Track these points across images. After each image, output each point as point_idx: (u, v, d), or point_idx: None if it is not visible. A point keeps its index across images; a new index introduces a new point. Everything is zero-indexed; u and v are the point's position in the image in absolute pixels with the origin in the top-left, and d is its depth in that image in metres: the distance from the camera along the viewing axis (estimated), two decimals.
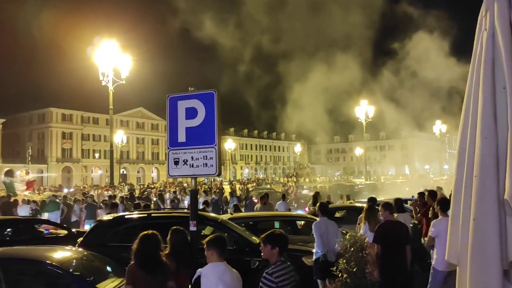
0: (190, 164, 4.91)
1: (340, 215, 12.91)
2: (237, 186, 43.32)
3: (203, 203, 14.60)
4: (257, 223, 10.66)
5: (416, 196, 10.36)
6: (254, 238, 8.14)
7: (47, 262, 5.54)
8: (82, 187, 42.72)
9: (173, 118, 5.05)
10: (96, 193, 28.50)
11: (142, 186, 45.96)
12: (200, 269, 3.89)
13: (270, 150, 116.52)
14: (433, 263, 6.13)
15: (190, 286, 4.18)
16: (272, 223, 11.28)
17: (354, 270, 5.33)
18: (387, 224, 6.15)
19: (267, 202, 13.54)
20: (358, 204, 12.78)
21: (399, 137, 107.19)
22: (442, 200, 6.51)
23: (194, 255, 4.72)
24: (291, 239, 8.90)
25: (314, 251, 7.26)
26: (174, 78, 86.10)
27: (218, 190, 31.37)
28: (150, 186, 45.15)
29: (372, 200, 8.05)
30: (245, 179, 71.74)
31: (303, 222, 11.00)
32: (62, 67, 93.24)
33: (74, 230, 10.96)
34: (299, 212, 15.90)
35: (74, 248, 6.78)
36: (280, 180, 60.95)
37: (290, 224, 10.96)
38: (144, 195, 26.13)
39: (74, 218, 15.36)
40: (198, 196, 18.29)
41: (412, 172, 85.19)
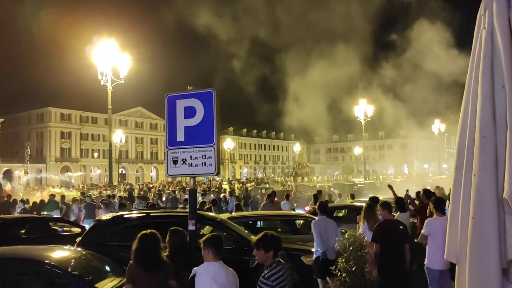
0: (189, 164, 4.90)
1: (340, 215, 12.91)
2: (236, 185, 43.29)
3: (211, 202, 14.51)
4: (256, 222, 10.66)
5: (410, 192, 10.40)
6: (253, 237, 8.13)
7: (46, 261, 5.53)
8: (82, 186, 42.72)
9: (171, 117, 5.03)
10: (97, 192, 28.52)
11: (141, 185, 45.94)
12: (195, 267, 3.89)
13: (269, 150, 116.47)
14: (426, 262, 6.15)
15: (187, 284, 4.19)
16: (272, 222, 11.30)
17: (353, 269, 5.32)
18: (386, 223, 6.15)
19: (274, 200, 13.72)
20: (358, 204, 12.80)
21: (398, 136, 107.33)
22: (437, 200, 6.54)
23: (193, 255, 4.72)
24: (290, 238, 8.97)
25: (314, 250, 7.26)
26: (173, 78, 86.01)
27: (217, 189, 31.35)
28: (149, 185, 45.13)
29: (374, 199, 8.01)
30: (244, 178, 71.69)
31: (302, 222, 11.00)
32: (61, 67, 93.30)
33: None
34: (298, 211, 15.91)
35: (73, 248, 6.77)
36: (277, 179, 60.84)
37: (289, 223, 10.97)
38: (141, 194, 26.09)
39: (72, 218, 15.34)
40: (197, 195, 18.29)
41: (411, 171, 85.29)
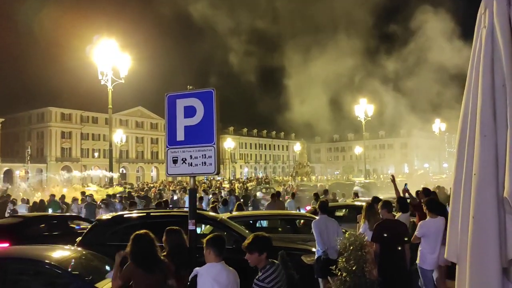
0: (188, 163, 4.89)
1: (340, 214, 12.91)
2: (236, 185, 43.25)
3: (222, 202, 14.38)
4: (256, 222, 10.66)
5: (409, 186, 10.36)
6: None
7: (46, 261, 5.53)
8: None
9: (171, 116, 5.02)
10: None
11: (141, 184, 46.00)
12: (197, 268, 3.89)
13: (270, 149, 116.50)
14: (418, 262, 6.16)
15: (188, 284, 4.18)
16: (273, 222, 11.31)
17: (353, 268, 5.32)
18: (385, 223, 6.14)
19: (277, 200, 13.99)
20: (358, 203, 12.79)
21: (398, 135, 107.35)
22: (430, 201, 6.52)
23: (193, 254, 4.71)
24: (291, 238, 8.96)
25: (315, 249, 7.26)
26: (173, 77, 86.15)
27: (217, 189, 31.34)
28: (149, 185, 45.12)
29: (376, 200, 7.98)
30: (244, 178, 71.67)
31: (302, 221, 11.00)
32: (61, 66, 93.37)
33: None
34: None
35: (73, 248, 6.77)
36: (277, 179, 60.72)
37: (290, 223, 10.96)
38: (141, 194, 26.10)
39: None
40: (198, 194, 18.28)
41: (411, 170, 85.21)
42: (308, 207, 14.74)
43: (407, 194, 9.42)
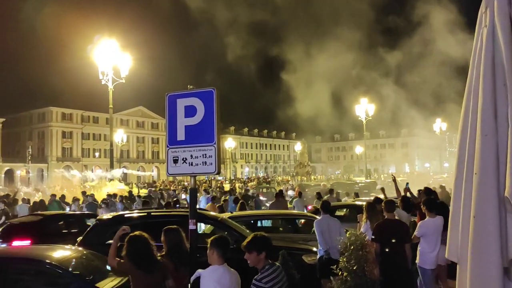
0: (189, 163, 4.88)
1: (341, 213, 12.91)
2: (237, 185, 43.30)
3: (240, 206, 13.51)
4: (257, 221, 10.66)
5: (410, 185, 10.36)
6: None
7: (47, 261, 5.54)
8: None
9: (172, 116, 5.01)
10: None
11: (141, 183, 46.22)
12: (200, 270, 3.88)
13: (271, 149, 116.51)
14: (417, 261, 6.16)
15: (187, 283, 4.18)
16: (274, 221, 11.30)
17: (354, 268, 5.31)
18: (385, 223, 6.14)
19: (280, 199, 14.09)
20: (359, 203, 12.78)
21: (399, 135, 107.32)
22: (429, 201, 6.51)
23: (193, 254, 4.70)
24: (292, 238, 8.96)
25: (316, 249, 7.26)
26: (173, 77, 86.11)
27: (218, 189, 31.39)
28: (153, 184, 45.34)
29: (377, 200, 7.96)
30: (245, 178, 71.70)
31: (303, 221, 11.00)
32: (62, 66, 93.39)
33: None
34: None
35: (74, 247, 6.78)
36: (277, 178, 60.73)
37: (291, 222, 10.96)
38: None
39: None
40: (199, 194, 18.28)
41: (412, 170, 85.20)
42: (309, 207, 14.75)
43: (408, 194, 9.42)
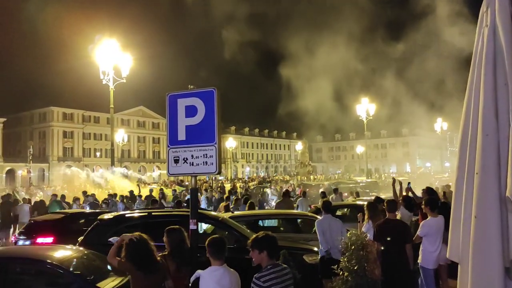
0: (190, 163, 4.89)
1: (342, 213, 12.90)
2: (238, 184, 43.26)
3: (249, 206, 13.45)
4: (258, 221, 10.65)
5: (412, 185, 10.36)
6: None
7: (48, 261, 5.53)
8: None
9: (172, 116, 5.01)
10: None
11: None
12: (200, 270, 3.87)
13: (271, 149, 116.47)
14: (419, 261, 6.15)
15: (188, 283, 4.17)
16: (275, 221, 11.29)
17: (355, 268, 5.31)
18: (386, 223, 6.13)
19: (286, 199, 14.33)
20: (360, 202, 12.76)
21: (400, 135, 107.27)
22: (430, 200, 6.50)
23: (194, 254, 4.70)
24: (293, 238, 8.95)
25: (317, 249, 7.25)
26: (174, 77, 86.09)
27: (219, 188, 31.38)
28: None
29: (378, 199, 7.96)
30: (246, 177, 71.67)
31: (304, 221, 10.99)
32: (63, 66, 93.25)
33: None
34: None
35: (75, 247, 6.77)
36: (276, 178, 60.64)
37: (291, 222, 10.95)
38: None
39: None
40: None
41: (413, 169, 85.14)
42: (312, 206, 14.77)
43: (410, 193, 9.41)
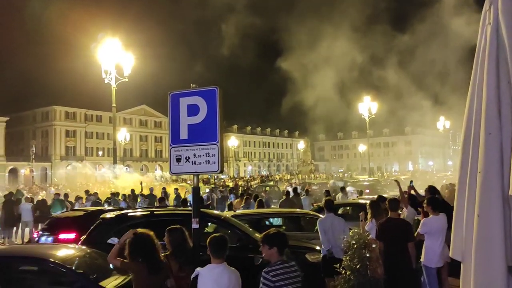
0: (192, 161, 4.89)
1: (345, 212, 12.89)
2: (240, 183, 43.27)
3: (259, 203, 13.54)
4: (260, 220, 10.65)
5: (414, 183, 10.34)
6: (258, 235, 8.12)
7: (50, 260, 5.54)
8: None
9: (175, 115, 5.01)
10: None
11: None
12: (199, 268, 3.86)
13: (274, 147, 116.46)
14: (422, 260, 6.14)
15: (190, 283, 4.17)
16: (277, 220, 11.30)
17: (357, 267, 5.30)
18: (388, 222, 6.12)
19: (289, 197, 14.82)
20: (362, 201, 12.76)
21: (402, 133, 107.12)
22: (432, 199, 6.49)
23: (196, 252, 4.70)
24: (294, 236, 8.95)
25: (320, 248, 7.25)
26: (177, 76, 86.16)
27: (221, 187, 31.39)
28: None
29: (381, 198, 7.95)
30: (248, 176, 71.70)
31: (306, 219, 10.99)
32: (65, 65, 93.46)
33: None
34: None
35: (77, 246, 6.79)
36: (275, 177, 60.62)
37: (294, 221, 10.95)
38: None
39: None
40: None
41: (415, 168, 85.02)
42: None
43: (412, 191, 9.39)
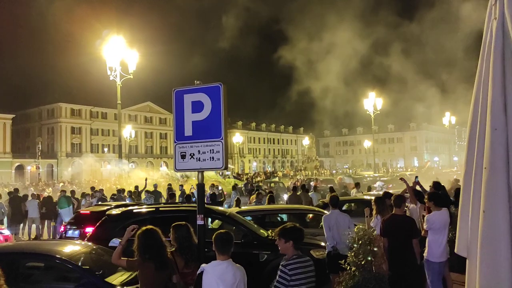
0: (196, 158, 4.89)
1: (350, 208, 12.88)
2: (244, 178, 43.32)
3: (269, 199, 13.49)
4: (265, 216, 10.66)
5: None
6: (262, 231, 8.13)
7: (57, 256, 5.59)
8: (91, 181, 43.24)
9: (179, 111, 5.01)
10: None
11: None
12: (204, 264, 3.87)
13: (278, 144, 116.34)
14: (425, 255, 6.13)
15: (195, 280, 4.19)
16: (282, 216, 11.31)
17: (363, 263, 5.31)
18: (393, 218, 6.11)
19: (297, 193, 14.93)
20: (367, 197, 12.73)
21: (408, 129, 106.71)
22: (433, 194, 6.46)
23: (202, 249, 4.72)
24: None
25: (325, 244, 7.25)
26: (181, 72, 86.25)
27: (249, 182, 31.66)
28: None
29: (387, 194, 7.92)
30: (253, 172, 71.73)
31: (311, 215, 11.00)
32: (70, 62, 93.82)
33: None
34: None
35: (84, 242, 6.84)
36: (278, 174, 60.71)
37: (299, 217, 10.96)
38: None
39: None
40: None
41: (421, 164, 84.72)
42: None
43: (418, 187, 9.37)
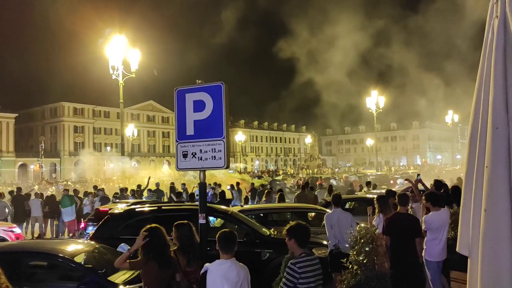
0: (198, 157, 4.90)
1: (352, 206, 12.86)
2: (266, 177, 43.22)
3: (279, 197, 13.48)
4: (267, 215, 10.67)
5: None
6: (265, 230, 8.15)
7: (60, 255, 5.61)
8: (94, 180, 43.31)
9: (181, 111, 5.03)
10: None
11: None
12: (207, 264, 3.88)
13: (281, 142, 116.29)
14: (423, 255, 6.13)
15: (199, 279, 4.20)
16: (284, 215, 11.31)
17: (365, 261, 5.29)
18: (396, 217, 6.10)
19: (305, 191, 14.82)
20: (370, 195, 12.71)
21: (410, 127, 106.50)
22: (430, 194, 6.43)
23: (204, 247, 4.73)
24: None
25: (327, 242, 7.26)
26: (184, 71, 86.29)
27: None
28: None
29: (390, 193, 7.87)
30: (255, 171, 71.76)
31: (313, 214, 11.00)
32: (73, 61, 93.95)
33: None
34: None
35: (86, 241, 6.86)
36: (280, 172, 60.66)
37: (301, 215, 10.96)
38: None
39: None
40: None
41: (423, 162, 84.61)
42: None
43: (420, 185, 9.34)
